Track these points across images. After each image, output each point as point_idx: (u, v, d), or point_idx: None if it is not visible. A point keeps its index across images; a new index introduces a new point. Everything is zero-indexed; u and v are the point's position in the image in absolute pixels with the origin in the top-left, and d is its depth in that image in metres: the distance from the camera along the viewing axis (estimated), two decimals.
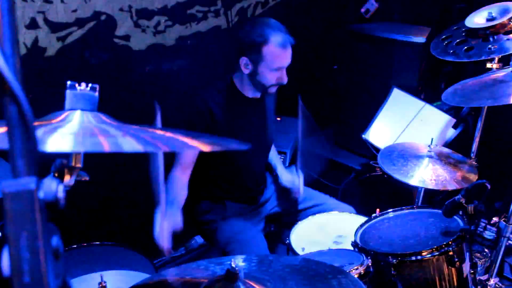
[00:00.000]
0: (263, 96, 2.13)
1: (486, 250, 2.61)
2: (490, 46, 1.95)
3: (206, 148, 0.89)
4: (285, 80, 1.94)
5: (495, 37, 1.99)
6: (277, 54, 1.87)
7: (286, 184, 2.23)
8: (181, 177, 1.97)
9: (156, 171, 1.46)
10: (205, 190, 2.18)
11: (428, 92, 2.99)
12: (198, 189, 2.18)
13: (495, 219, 2.54)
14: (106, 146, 0.75)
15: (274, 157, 2.36)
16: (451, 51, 2.03)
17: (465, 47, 2.01)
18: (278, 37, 1.86)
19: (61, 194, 0.58)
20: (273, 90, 1.99)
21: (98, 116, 0.86)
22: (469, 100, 1.92)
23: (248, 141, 0.95)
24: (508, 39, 1.94)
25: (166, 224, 1.70)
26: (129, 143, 0.79)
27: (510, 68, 1.89)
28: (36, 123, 0.56)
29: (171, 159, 2.02)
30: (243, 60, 1.92)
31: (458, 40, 2.07)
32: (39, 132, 0.77)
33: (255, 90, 2.04)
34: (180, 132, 0.90)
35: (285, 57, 1.90)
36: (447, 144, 2.43)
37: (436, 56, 2.08)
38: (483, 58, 1.96)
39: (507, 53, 1.92)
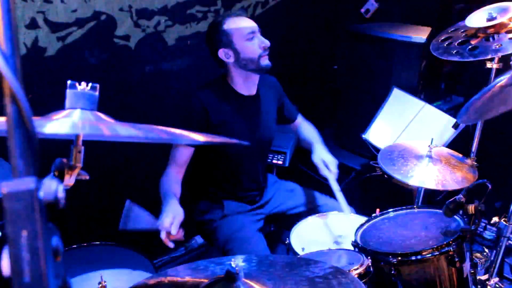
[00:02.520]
0: (258, 93, 2.13)
1: (486, 250, 2.61)
2: (495, 44, 1.95)
3: (202, 138, 0.90)
4: (267, 42, 1.99)
5: (496, 36, 1.99)
6: (238, 22, 1.97)
7: (316, 161, 2.21)
8: (176, 174, 2.00)
9: None
10: (204, 190, 2.18)
11: (428, 92, 2.99)
12: (196, 189, 2.18)
13: (495, 219, 2.53)
14: (105, 131, 0.75)
15: (310, 133, 2.36)
16: (454, 51, 2.02)
17: (469, 47, 2.00)
18: (228, 12, 2.06)
19: (61, 194, 0.57)
20: (265, 62, 1.99)
21: (98, 115, 0.86)
22: (484, 113, 1.90)
23: (245, 139, 0.95)
24: (510, 38, 1.94)
25: (167, 215, 1.75)
26: (127, 129, 0.79)
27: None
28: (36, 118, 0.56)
29: (166, 158, 2.03)
30: (221, 53, 1.98)
31: (459, 41, 2.06)
32: (39, 120, 0.76)
33: (249, 81, 2.06)
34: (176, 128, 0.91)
35: (247, 22, 1.99)
36: (447, 144, 2.42)
37: (439, 57, 2.07)
38: (489, 56, 1.96)
39: (511, 52, 1.91)
